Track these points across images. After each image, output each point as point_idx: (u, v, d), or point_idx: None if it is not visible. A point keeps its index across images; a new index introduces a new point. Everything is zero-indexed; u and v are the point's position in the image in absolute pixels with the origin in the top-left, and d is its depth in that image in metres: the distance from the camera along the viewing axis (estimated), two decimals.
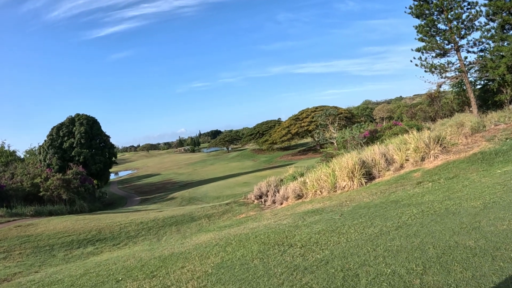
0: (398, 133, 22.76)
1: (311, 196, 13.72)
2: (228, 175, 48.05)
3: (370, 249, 4.22)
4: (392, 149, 14.46)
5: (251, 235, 6.77)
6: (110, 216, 17.12)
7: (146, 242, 10.93)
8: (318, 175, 14.53)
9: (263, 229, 7.42)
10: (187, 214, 15.49)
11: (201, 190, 34.22)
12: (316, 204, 11.06)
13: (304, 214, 8.65)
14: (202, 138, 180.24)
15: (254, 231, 7.22)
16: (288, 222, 7.71)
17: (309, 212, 9.05)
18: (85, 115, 46.46)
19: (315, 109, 70.82)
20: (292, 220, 8.02)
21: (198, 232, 11.45)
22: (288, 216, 9.32)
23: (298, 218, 8.17)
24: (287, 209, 12.42)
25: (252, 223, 9.54)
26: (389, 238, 4.64)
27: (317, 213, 8.46)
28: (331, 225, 6.29)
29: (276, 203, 15.77)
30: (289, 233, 6.27)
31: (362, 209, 7.77)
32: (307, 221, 7.39)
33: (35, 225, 15.11)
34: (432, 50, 25.50)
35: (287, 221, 8.00)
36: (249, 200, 18.89)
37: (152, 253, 7.14)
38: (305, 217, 8.19)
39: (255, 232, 7.05)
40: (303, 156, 63.05)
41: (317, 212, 8.70)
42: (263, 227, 7.67)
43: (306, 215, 8.49)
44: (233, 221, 12.69)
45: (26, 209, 21.98)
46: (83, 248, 11.23)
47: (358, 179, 12.67)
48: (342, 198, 10.84)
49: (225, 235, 7.66)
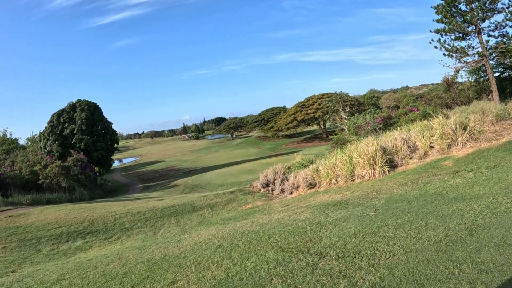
0: (415, 119, 21.23)
1: (326, 185, 12.34)
2: (232, 162, 46.78)
3: (454, 269, 2.83)
4: (415, 135, 12.97)
5: (262, 234, 5.42)
6: (107, 205, 15.94)
7: (141, 235, 9.68)
8: (332, 162, 13.11)
9: (276, 225, 6.07)
10: (188, 204, 14.24)
11: (205, 177, 32.99)
12: (334, 195, 9.68)
13: (324, 207, 7.28)
14: (207, 125, 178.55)
15: (266, 229, 5.87)
16: (307, 218, 6.35)
17: (329, 204, 7.67)
18: (86, 101, 45.17)
19: (322, 96, 68.86)
20: (311, 214, 6.65)
21: (199, 224, 10.18)
22: (304, 208, 7.96)
23: (318, 212, 6.80)
24: (299, 199, 11.08)
25: (261, 217, 8.20)
26: (470, 248, 3.24)
27: (340, 207, 7.09)
28: (368, 224, 4.91)
29: (285, 192, 14.43)
30: (313, 234, 4.91)
31: (399, 202, 6.36)
32: (331, 217, 6.01)
33: (26, 215, 13.99)
34: (452, 32, 23.84)
35: (305, 215, 6.63)
36: (255, 188, 17.57)
37: (142, 254, 5.85)
38: (326, 211, 6.82)
39: (267, 230, 5.70)
40: (309, 144, 61.53)
41: (340, 205, 7.32)
42: (276, 223, 6.31)
43: (327, 208, 7.12)
44: (238, 213, 11.40)
45: (22, 198, 20.94)
46: (72, 242, 10.04)
47: (380, 167, 11.24)
48: (364, 188, 9.44)
49: (230, 231, 6.34)
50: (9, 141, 45.14)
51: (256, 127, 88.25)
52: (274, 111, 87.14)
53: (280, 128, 69.06)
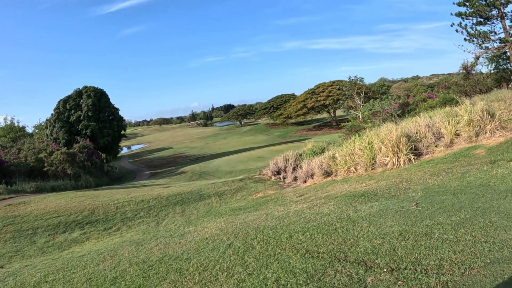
0: (435, 105, 20.00)
1: (343, 174, 11.33)
2: (241, 149, 45.89)
3: None
4: (439, 122, 11.82)
5: (281, 231, 4.48)
6: (111, 193, 15.23)
7: (143, 226, 8.86)
8: (350, 148, 12.06)
9: (296, 220, 5.12)
10: (195, 191, 13.41)
11: (213, 164, 32.19)
12: (355, 185, 8.68)
13: (349, 199, 6.28)
14: (215, 112, 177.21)
15: (284, 224, 4.93)
16: (332, 211, 5.37)
17: (354, 195, 6.68)
18: (93, 87, 44.46)
19: (332, 83, 67.14)
20: (336, 207, 5.67)
21: (206, 214, 9.31)
22: (324, 199, 6.99)
23: (343, 204, 5.82)
24: (316, 189, 10.11)
25: (276, 208, 7.27)
26: None
27: (369, 198, 6.09)
28: (414, 222, 3.92)
29: (298, 180, 13.47)
30: (346, 233, 3.95)
31: (441, 195, 5.35)
32: (362, 211, 5.03)
33: (26, 204, 13.35)
34: (474, 16, 22.42)
35: (329, 208, 5.66)
36: (265, 176, 16.66)
37: (139, 252, 4.98)
38: (353, 203, 5.84)
39: (286, 226, 4.76)
40: (318, 132, 60.22)
41: (368, 196, 6.33)
42: (295, 217, 5.36)
43: (353, 200, 6.13)
44: (248, 202, 10.50)
45: (26, 186, 20.44)
46: (69, 233, 9.29)
47: (405, 155, 10.15)
48: (390, 177, 8.41)
49: (241, 225, 5.42)
50: (17, 129, 45.00)
51: (265, 114, 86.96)
52: (283, 98, 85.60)
53: (289, 115, 67.75)
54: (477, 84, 31.85)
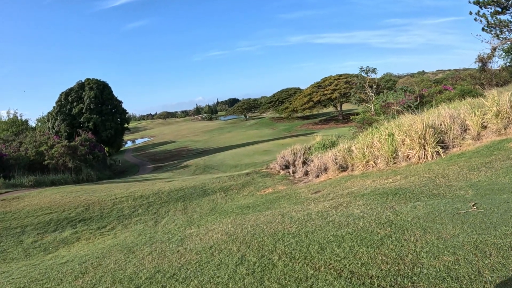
0: (453, 97, 18.85)
1: (362, 168, 10.30)
2: (246, 142, 44.89)
3: None
4: (464, 113, 10.74)
5: (307, 240, 3.50)
6: (110, 187, 14.36)
7: (139, 226, 7.93)
8: (368, 141, 11.02)
9: (321, 223, 4.14)
10: (199, 186, 12.48)
11: (218, 158, 31.25)
12: (379, 180, 7.66)
13: (381, 197, 5.28)
14: (220, 106, 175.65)
15: (309, 230, 3.94)
16: (364, 213, 4.38)
17: (385, 193, 5.67)
18: (95, 80, 43.63)
19: (339, 76, 65.78)
20: (368, 207, 4.67)
21: (211, 213, 8.36)
22: (348, 197, 5.99)
23: (375, 204, 4.82)
24: (332, 184, 9.10)
25: (291, 207, 6.29)
26: None
27: (405, 197, 5.08)
28: (483, 228, 2.94)
29: (310, 175, 12.46)
30: (396, 245, 2.95)
31: (499, 194, 4.36)
32: (403, 213, 4.03)
33: (20, 199, 12.53)
34: (492, 5, 21.23)
35: (360, 209, 4.66)
36: (273, 170, 15.69)
37: (127, 263, 4.04)
38: (388, 202, 4.83)
39: (311, 233, 3.78)
40: (324, 126, 59.00)
41: (403, 194, 5.32)
42: (320, 220, 4.37)
43: (386, 199, 5.12)
44: (257, 199, 9.53)
45: (25, 180, 19.68)
46: (59, 232, 8.41)
47: (432, 148, 9.09)
48: (421, 172, 7.38)
49: (252, 229, 4.47)
50: (19, 122, 44.42)
51: (270, 108, 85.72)
52: (288, 92, 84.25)
53: (295, 108, 66.53)
54: (493, 77, 30.46)
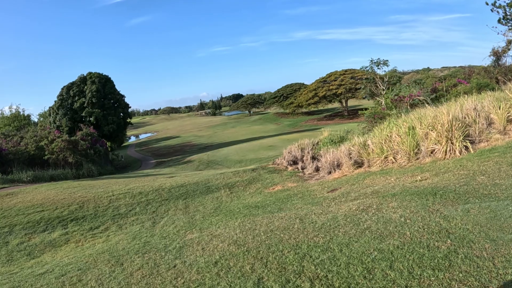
0: (469, 91, 17.85)
1: (380, 164, 9.40)
2: (250, 138, 44.00)
3: None
4: (488, 106, 9.80)
5: (344, 257, 2.65)
6: (108, 183, 13.60)
7: (135, 227, 7.13)
8: (385, 134, 10.11)
9: (354, 231, 3.30)
10: (202, 183, 11.67)
11: (221, 153, 30.41)
12: (405, 178, 6.78)
13: (418, 198, 4.41)
14: (224, 101, 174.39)
15: (342, 241, 3.09)
16: (405, 217, 3.52)
17: (419, 193, 4.80)
18: (97, 73, 42.85)
19: (344, 72, 64.62)
20: (406, 211, 3.81)
21: (214, 213, 7.53)
22: (374, 198, 5.13)
23: (414, 206, 3.95)
24: (349, 182, 8.23)
25: (307, 208, 5.44)
26: None
27: (447, 198, 4.21)
28: None
29: (322, 171, 11.60)
30: (474, 267, 2.10)
31: None
32: (455, 218, 3.18)
33: (15, 195, 11.84)
34: None
35: (397, 213, 3.80)
36: (280, 166, 14.84)
37: (113, 279, 3.24)
38: (428, 204, 3.97)
39: (346, 245, 2.94)
40: (329, 122, 57.88)
41: (443, 194, 4.44)
42: (350, 226, 3.52)
43: (425, 199, 4.25)
44: (266, 197, 8.69)
45: (23, 175, 19.03)
46: (48, 232, 7.64)
47: (461, 142, 8.17)
48: (453, 169, 6.50)
49: (266, 236, 3.64)
50: (21, 117, 43.94)
51: (275, 103, 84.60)
52: (293, 87, 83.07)
53: (300, 104, 65.47)
54: (508, 72, 29.24)
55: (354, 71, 65.07)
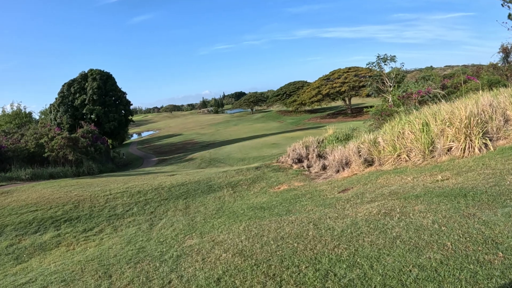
0: (480, 88, 17.25)
1: (392, 162, 8.85)
2: (253, 135, 43.48)
3: None
4: (504, 102, 9.21)
5: (378, 277, 2.15)
6: (107, 181, 13.14)
7: (131, 229, 6.64)
8: (397, 131, 9.55)
9: (382, 240, 2.79)
10: (204, 181, 11.18)
11: (224, 150, 29.93)
12: (423, 177, 6.25)
13: (446, 200, 3.88)
14: (226, 99, 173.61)
15: (370, 253, 2.58)
16: (439, 223, 3.01)
17: (446, 194, 4.27)
18: (99, 70, 42.45)
19: (348, 69, 64.00)
20: (438, 215, 3.29)
21: (217, 214, 7.04)
22: (394, 199, 4.61)
23: (446, 210, 3.43)
24: (360, 181, 7.70)
25: (319, 210, 4.92)
26: None
27: (481, 200, 3.67)
28: None
29: (329, 170, 11.07)
30: None
31: None
32: (500, 225, 2.66)
33: (9, 194, 11.39)
34: None
35: (428, 218, 3.28)
36: (284, 164, 14.31)
37: None
38: (462, 208, 3.44)
39: (376, 259, 2.43)
40: (333, 120, 57.25)
41: (474, 196, 3.91)
42: (376, 234, 3.00)
43: (456, 202, 3.72)
44: (272, 197, 8.18)
45: (22, 172, 18.63)
46: (40, 234, 7.17)
47: (480, 139, 7.61)
48: (475, 168, 5.96)
49: (277, 245, 3.15)
50: (23, 115, 43.71)
51: (277, 101, 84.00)
52: (296, 85, 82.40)
53: (303, 101, 64.89)
54: None
55: (358, 68, 64.41)
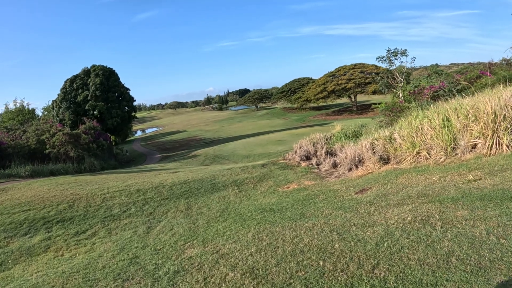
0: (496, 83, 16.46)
1: (411, 160, 8.16)
2: (257, 132, 42.82)
3: None
4: None
5: None
6: (106, 179, 12.58)
7: (127, 233, 6.04)
8: (414, 126, 8.85)
9: (433, 259, 2.15)
10: (207, 179, 10.56)
11: (228, 147, 29.32)
12: (451, 177, 5.57)
13: (493, 205, 3.22)
14: (230, 96, 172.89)
15: (425, 281, 1.92)
16: (496, 236, 2.34)
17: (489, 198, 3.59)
18: (102, 66, 41.89)
19: (354, 66, 63.13)
20: (491, 224, 2.63)
21: (221, 217, 6.41)
22: (425, 202, 3.95)
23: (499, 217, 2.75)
24: (378, 181, 7.02)
25: (339, 214, 4.27)
26: None
27: None
28: None
29: (341, 168, 10.39)
30: None
31: None
32: None
33: (5, 192, 10.88)
34: None
35: (479, 226, 2.61)
36: (292, 161, 13.65)
37: None
38: None
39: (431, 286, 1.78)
40: (338, 117, 56.43)
41: None
42: (422, 248, 2.35)
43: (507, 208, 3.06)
44: (281, 198, 7.53)
45: (22, 169, 18.18)
46: (30, 236, 6.60)
47: (508, 136, 6.89)
48: (510, 167, 5.27)
49: (296, 262, 2.52)
50: (26, 111, 43.42)
51: (282, 98, 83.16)
52: (301, 82, 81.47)
53: (308, 98, 64.06)
54: None
55: (364, 65, 63.40)
